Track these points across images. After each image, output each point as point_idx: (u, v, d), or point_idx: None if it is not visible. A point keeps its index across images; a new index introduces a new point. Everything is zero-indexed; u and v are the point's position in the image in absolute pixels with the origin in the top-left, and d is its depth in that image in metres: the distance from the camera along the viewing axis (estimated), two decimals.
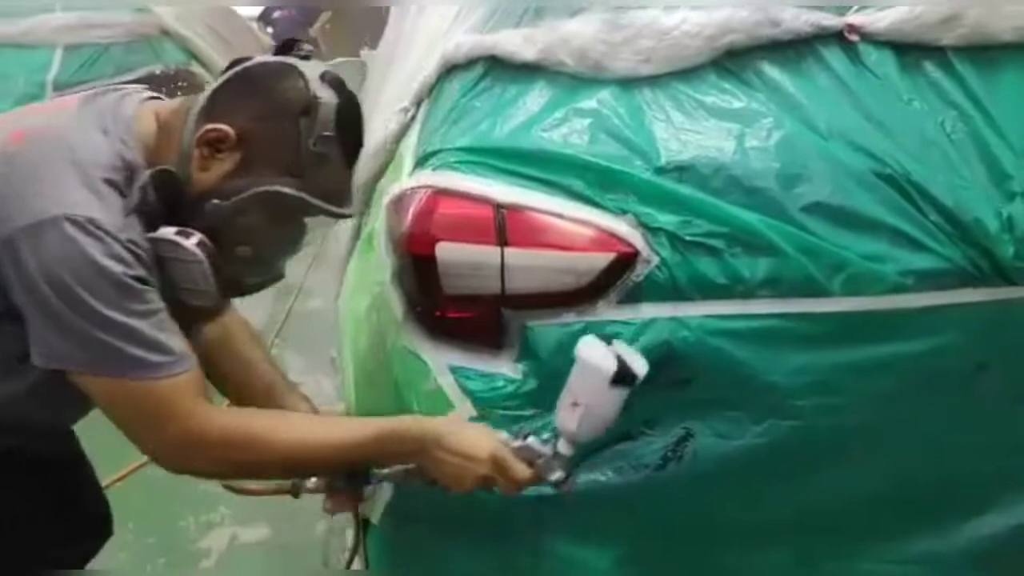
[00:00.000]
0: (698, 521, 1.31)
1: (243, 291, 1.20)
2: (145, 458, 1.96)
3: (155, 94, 1.20)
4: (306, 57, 1.15)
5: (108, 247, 1.00)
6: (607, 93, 1.28)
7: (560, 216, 1.22)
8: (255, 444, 1.08)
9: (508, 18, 1.39)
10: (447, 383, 1.26)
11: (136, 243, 1.04)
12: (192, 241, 1.07)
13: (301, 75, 1.10)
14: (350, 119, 1.13)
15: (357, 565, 2.08)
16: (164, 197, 1.08)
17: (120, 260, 1.01)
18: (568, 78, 1.30)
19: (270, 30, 7.55)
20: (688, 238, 1.19)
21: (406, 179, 1.32)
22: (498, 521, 1.28)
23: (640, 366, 1.12)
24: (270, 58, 1.15)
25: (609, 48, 1.28)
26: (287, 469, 1.14)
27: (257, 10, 7.91)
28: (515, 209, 1.22)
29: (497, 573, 1.34)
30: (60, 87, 3.83)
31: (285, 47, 1.17)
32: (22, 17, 3.87)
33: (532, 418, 1.24)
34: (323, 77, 1.12)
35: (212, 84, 1.13)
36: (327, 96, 1.10)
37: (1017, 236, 1.19)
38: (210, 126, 1.08)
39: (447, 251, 1.24)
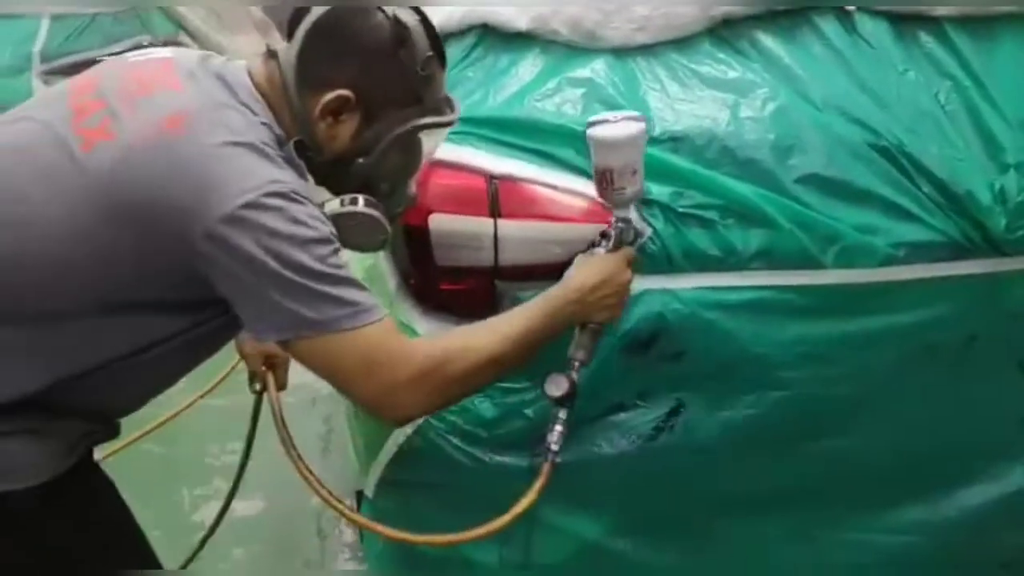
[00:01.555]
0: (690, 491, 1.32)
1: (392, 223, 1.21)
2: (139, 432, 1.97)
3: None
4: None
5: (311, 211, 1.01)
6: (601, 62, 1.27)
7: (553, 187, 1.21)
8: (464, 353, 1.07)
9: None
10: None
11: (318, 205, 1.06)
12: (362, 206, 1.10)
13: (381, 9, 1.08)
14: (430, 27, 1.11)
15: (353, 535, 2.11)
16: (303, 162, 1.10)
17: (322, 221, 1.02)
18: (561, 47, 1.29)
19: None
20: (681, 210, 1.19)
21: None
22: (491, 492, 1.28)
23: (636, 113, 1.16)
24: (336, 5, 1.10)
25: (603, 17, 1.26)
26: (497, 365, 1.10)
27: None
28: (508, 180, 1.21)
29: (490, 544, 1.35)
30: (47, 58, 3.78)
31: None
32: None
33: (523, 390, 1.24)
34: None
35: (291, 47, 1.10)
36: (409, 18, 1.08)
37: (1009, 208, 1.19)
38: (330, 96, 1.06)
39: (440, 222, 1.23)
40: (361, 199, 1.10)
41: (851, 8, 1.26)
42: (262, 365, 1.47)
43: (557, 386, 1.18)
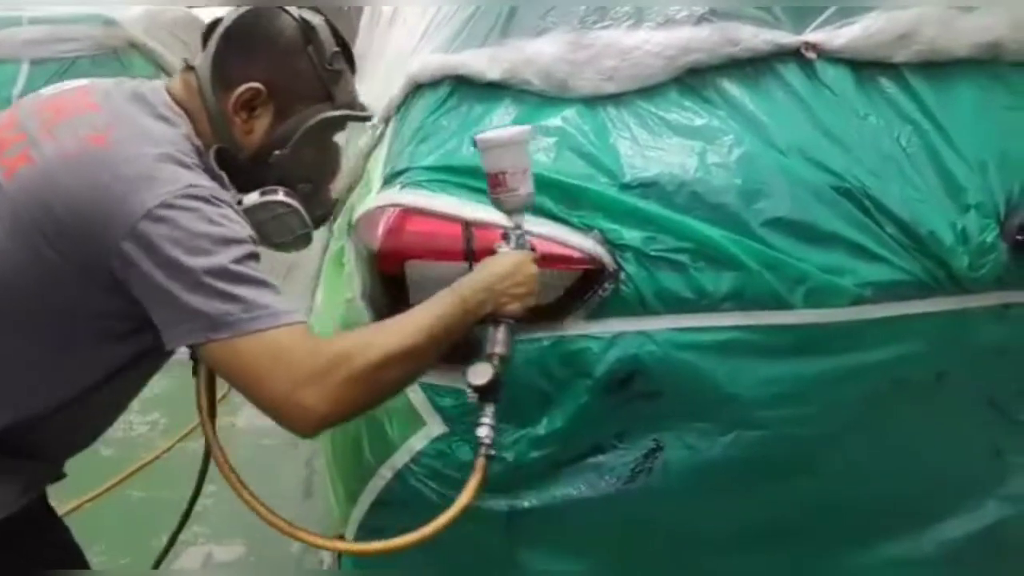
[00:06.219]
0: (669, 531, 1.32)
1: (316, 226, 1.26)
2: (117, 478, 1.95)
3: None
4: None
5: (228, 213, 1.03)
6: (572, 111, 1.30)
7: (527, 233, 1.23)
8: (367, 349, 1.03)
9: (474, 38, 1.40)
10: (418, 399, 1.27)
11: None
12: (281, 195, 1.15)
13: (285, 11, 1.15)
14: (337, 31, 1.20)
15: None
16: (225, 171, 1.13)
17: (240, 224, 1.04)
18: (533, 97, 1.32)
19: None
20: (653, 253, 1.21)
21: (374, 198, 1.33)
22: (471, 535, 1.29)
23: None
24: (247, 9, 1.17)
25: (573, 67, 1.29)
26: (410, 358, 1.06)
27: None
28: (483, 226, 1.23)
29: None
30: None
31: None
32: None
33: (502, 433, 1.25)
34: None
35: (206, 54, 1.15)
36: (316, 19, 1.17)
37: (971, 247, 1.23)
38: (241, 88, 1.11)
39: (416, 269, 1.25)
40: (280, 190, 1.15)
41: (812, 56, 1.30)
42: None
43: (479, 375, 1.13)
